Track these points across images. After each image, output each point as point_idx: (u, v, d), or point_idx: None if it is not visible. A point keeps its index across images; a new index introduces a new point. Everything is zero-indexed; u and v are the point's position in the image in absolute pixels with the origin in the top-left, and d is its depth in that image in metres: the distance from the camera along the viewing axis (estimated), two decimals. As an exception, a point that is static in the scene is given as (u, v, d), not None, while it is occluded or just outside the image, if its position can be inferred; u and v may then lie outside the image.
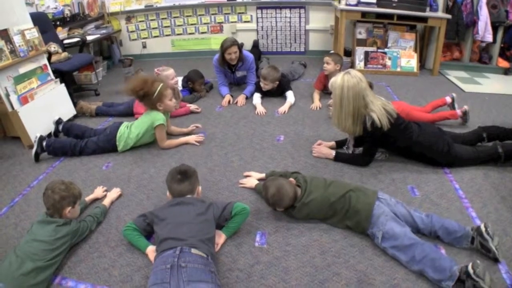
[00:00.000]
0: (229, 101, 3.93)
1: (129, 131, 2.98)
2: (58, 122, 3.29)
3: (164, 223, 1.82)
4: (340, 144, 2.88)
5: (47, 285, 1.76)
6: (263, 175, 2.52)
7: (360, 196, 2.01)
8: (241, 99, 3.93)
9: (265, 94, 3.96)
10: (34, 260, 1.71)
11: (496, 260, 1.79)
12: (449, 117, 3.16)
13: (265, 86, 3.85)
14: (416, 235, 1.85)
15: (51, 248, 1.80)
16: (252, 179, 2.49)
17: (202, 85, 4.18)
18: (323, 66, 3.79)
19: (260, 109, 3.69)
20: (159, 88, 2.87)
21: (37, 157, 2.95)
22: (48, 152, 2.99)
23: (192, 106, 3.76)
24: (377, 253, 1.88)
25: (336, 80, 2.42)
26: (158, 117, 2.92)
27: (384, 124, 2.35)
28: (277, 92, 3.96)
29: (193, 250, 1.65)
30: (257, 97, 3.90)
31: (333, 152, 2.73)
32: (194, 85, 4.14)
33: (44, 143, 2.95)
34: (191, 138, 3.11)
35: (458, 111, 3.16)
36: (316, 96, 3.87)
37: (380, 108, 2.38)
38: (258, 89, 3.99)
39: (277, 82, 3.88)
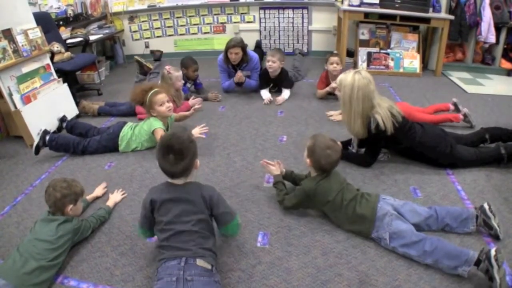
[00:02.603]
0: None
1: (132, 132, 2.99)
2: (63, 119, 3.30)
3: (162, 225, 1.68)
4: (343, 145, 2.86)
5: (49, 284, 1.76)
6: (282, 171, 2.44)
7: (363, 202, 2.00)
8: (241, 74, 4.05)
9: (268, 84, 4.06)
10: (37, 260, 1.72)
11: (497, 238, 1.90)
12: (452, 119, 3.16)
13: (272, 64, 3.86)
14: (425, 233, 1.88)
15: (53, 247, 1.80)
16: (276, 169, 2.34)
17: (195, 71, 4.10)
18: (333, 67, 3.74)
19: (268, 97, 3.93)
20: (148, 97, 2.89)
21: (37, 151, 2.94)
22: (50, 147, 2.98)
23: (193, 102, 3.68)
24: (379, 254, 1.88)
25: (346, 78, 2.39)
26: (154, 124, 2.90)
27: (389, 128, 2.35)
28: (279, 80, 4.03)
29: (198, 262, 1.60)
30: (265, 92, 4.03)
31: None
32: (187, 71, 4.04)
33: (47, 138, 2.95)
34: (195, 131, 2.92)
35: (460, 115, 3.16)
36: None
37: (386, 111, 2.37)
38: (262, 80, 4.06)
39: (282, 63, 3.94)
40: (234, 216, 1.79)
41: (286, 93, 4.01)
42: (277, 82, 4.04)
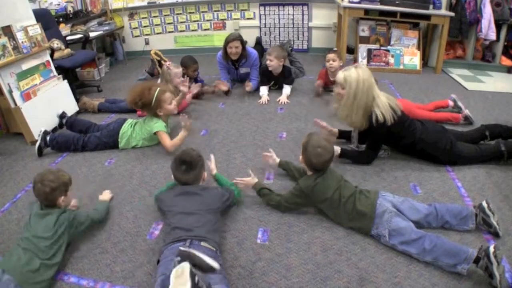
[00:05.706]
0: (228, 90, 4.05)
1: (132, 130, 2.99)
2: (62, 116, 3.30)
3: (173, 212, 1.88)
4: (342, 133, 2.87)
5: (51, 282, 1.76)
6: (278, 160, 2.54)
7: (362, 199, 2.00)
8: (247, 84, 4.04)
9: (270, 81, 4.05)
10: (40, 258, 1.72)
11: (496, 235, 1.90)
12: (451, 119, 3.15)
13: (270, 62, 3.84)
14: (424, 230, 1.89)
15: (52, 241, 1.78)
16: (251, 179, 2.31)
17: (195, 71, 4.05)
18: (329, 64, 3.75)
19: (265, 98, 3.85)
20: (155, 95, 2.84)
21: (40, 152, 2.95)
22: (52, 147, 2.99)
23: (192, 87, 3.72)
24: (379, 251, 1.88)
25: (351, 74, 2.40)
26: (156, 125, 2.88)
27: (388, 118, 2.36)
28: (281, 78, 4.00)
29: (203, 243, 1.68)
30: (264, 89, 3.98)
31: (339, 149, 2.64)
32: (187, 71, 3.94)
33: (48, 138, 2.96)
34: (185, 127, 2.85)
35: (460, 116, 3.16)
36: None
37: (384, 103, 2.39)
38: (264, 77, 4.04)
39: (282, 61, 3.88)
40: (233, 194, 2.19)
41: (287, 88, 3.95)
42: (279, 80, 4.02)
